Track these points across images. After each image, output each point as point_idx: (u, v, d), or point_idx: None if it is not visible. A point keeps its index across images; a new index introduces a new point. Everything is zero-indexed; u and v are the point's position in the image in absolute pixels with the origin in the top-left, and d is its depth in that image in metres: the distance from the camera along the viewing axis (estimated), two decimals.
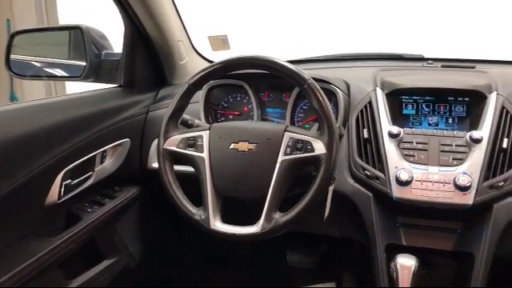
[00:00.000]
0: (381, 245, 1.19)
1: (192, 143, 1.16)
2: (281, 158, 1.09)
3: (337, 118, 1.29)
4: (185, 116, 1.27)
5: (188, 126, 1.28)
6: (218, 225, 1.10)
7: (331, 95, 1.32)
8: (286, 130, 1.11)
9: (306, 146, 1.08)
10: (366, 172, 1.21)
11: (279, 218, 1.07)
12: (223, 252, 1.93)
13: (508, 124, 1.18)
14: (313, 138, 1.09)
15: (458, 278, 1.22)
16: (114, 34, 1.56)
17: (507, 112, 1.19)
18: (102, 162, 1.34)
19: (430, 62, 1.54)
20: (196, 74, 1.16)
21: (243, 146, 1.12)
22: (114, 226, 1.40)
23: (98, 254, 1.36)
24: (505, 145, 1.15)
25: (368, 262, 1.25)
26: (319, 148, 1.07)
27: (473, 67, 1.46)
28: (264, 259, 1.96)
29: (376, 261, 1.18)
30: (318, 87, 1.09)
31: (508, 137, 1.16)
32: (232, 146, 1.13)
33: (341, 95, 1.30)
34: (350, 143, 1.28)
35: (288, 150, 1.09)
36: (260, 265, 1.96)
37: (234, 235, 1.09)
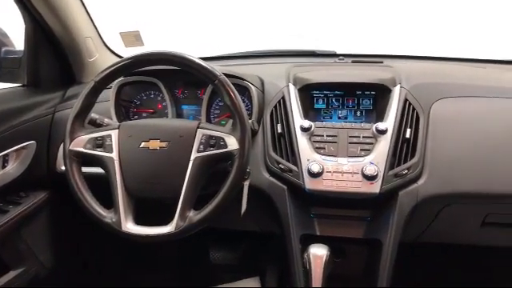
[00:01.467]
0: (295, 236, 1.21)
1: (100, 143, 1.11)
2: (194, 155, 1.07)
3: (251, 114, 1.30)
4: (93, 115, 1.22)
5: (97, 125, 1.23)
6: (130, 227, 1.06)
7: (245, 91, 1.33)
8: (198, 127, 1.10)
9: (219, 143, 1.08)
10: (280, 165, 1.23)
11: (193, 216, 1.05)
12: (144, 253, 1.88)
13: (411, 115, 1.24)
14: (225, 133, 1.08)
15: (369, 264, 1.28)
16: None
17: (410, 104, 1.26)
18: (3, 167, 1.26)
19: (341, 57, 1.60)
20: (102, 72, 1.11)
21: (154, 144, 1.09)
22: (20, 234, 1.32)
23: (1, 265, 1.27)
24: (408, 135, 1.21)
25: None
26: (232, 144, 1.07)
27: (381, 62, 1.53)
28: (187, 258, 1.93)
29: (291, 252, 1.21)
30: (229, 83, 1.09)
31: (411, 127, 1.23)
32: (142, 144, 1.09)
33: (254, 91, 1.31)
34: (265, 138, 1.29)
35: (201, 146, 1.08)
36: (183, 263, 1.93)
37: (147, 236, 1.06)
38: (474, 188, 1.20)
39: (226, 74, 1.12)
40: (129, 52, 1.66)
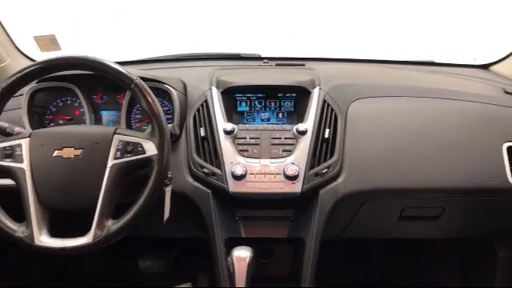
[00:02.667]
0: (220, 240, 1.21)
1: (9, 153, 1.05)
2: (110, 162, 1.04)
3: (173, 118, 1.28)
4: (1, 124, 1.15)
5: (6, 134, 1.16)
6: (45, 240, 1.01)
7: (165, 95, 1.31)
8: (115, 133, 1.07)
9: (136, 148, 1.06)
10: (203, 169, 1.22)
11: (112, 225, 1.02)
12: (68, 264, 1.79)
13: (329, 116, 1.28)
14: (143, 139, 1.06)
15: (294, 262, 1.30)
16: None
17: (328, 105, 1.29)
18: None
19: (265, 60, 1.62)
20: (9, 78, 1.05)
21: (68, 152, 1.05)
22: None
23: None
24: (327, 135, 1.25)
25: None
26: (150, 149, 1.05)
27: (302, 65, 1.57)
28: (114, 267, 1.87)
29: (216, 256, 1.21)
30: (146, 87, 1.07)
31: (329, 127, 1.27)
32: (56, 153, 1.05)
33: (175, 94, 1.29)
34: (188, 142, 1.28)
35: (118, 153, 1.05)
36: (110, 274, 1.86)
37: (63, 249, 1.01)
38: (390, 184, 1.26)
39: (143, 78, 1.10)
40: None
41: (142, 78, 1.08)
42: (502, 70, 1.70)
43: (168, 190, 1.15)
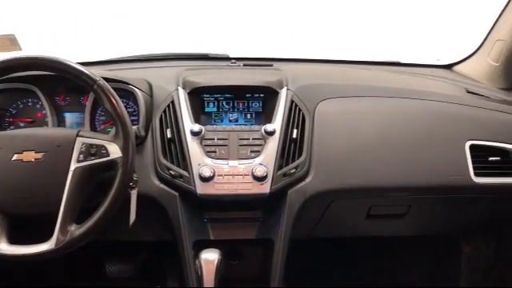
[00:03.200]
0: (188, 243, 1.20)
1: None
2: (73, 165, 1.02)
3: (138, 120, 1.26)
4: None
5: None
6: (3, 247, 0.98)
7: (130, 96, 1.28)
8: (77, 135, 1.04)
9: (100, 151, 1.03)
10: (170, 172, 1.20)
11: (75, 230, 0.99)
12: (31, 271, 1.73)
13: (297, 116, 1.28)
14: (107, 141, 1.04)
15: (264, 263, 1.29)
16: None
17: (296, 105, 1.30)
18: None
19: (233, 61, 1.61)
20: None
21: (29, 156, 1.01)
22: None
23: None
24: (295, 135, 1.25)
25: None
26: (114, 152, 1.03)
27: (271, 65, 1.56)
28: (80, 273, 1.82)
29: (184, 259, 1.20)
30: (110, 88, 1.04)
31: (297, 128, 1.27)
32: (15, 157, 1.01)
33: (140, 95, 1.27)
34: (154, 144, 1.26)
35: (81, 156, 1.03)
36: (76, 280, 1.82)
37: (23, 256, 0.98)
38: (358, 183, 1.28)
39: (107, 79, 1.08)
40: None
41: (105, 79, 1.06)
42: (465, 69, 1.75)
43: (134, 193, 1.12)
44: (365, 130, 1.33)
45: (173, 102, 1.29)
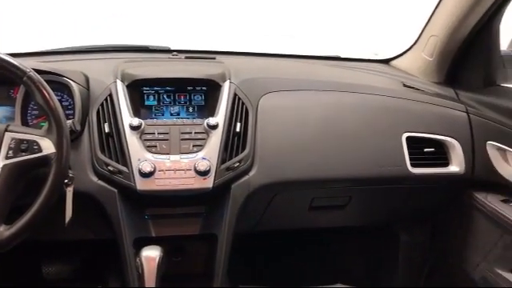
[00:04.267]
0: (128, 240, 1.17)
1: None
2: (2, 162, 0.95)
3: (74, 114, 1.20)
4: None
5: None
6: None
7: (65, 89, 1.22)
8: (6, 130, 0.98)
9: (31, 147, 0.97)
10: (109, 167, 1.16)
11: (4, 231, 0.93)
12: None
13: (240, 109, 1.27)
14: (39, 136, 0.98)
15: (208, 259, 1.28)
16: None
17: (239, 99, 1.29)
18: None
19: (175, 53, 1.58)
20: None
21: None
22: None
23: None
24: (238, 129, 1.24)
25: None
26: (47, 147, 0.97)
27: (213, 58, 1.54)
28: (15, 276, 1.72)
29: (124, 257, 1.16)
30: (41, 80, 0.98)
31: (241, 121, 1.26)
32: None
33: (75, 88, 1.21)
34: (91, 139, 1.20)
35: (10, 152, 0.96)
36: (11, 283, 1.72)
37: None
38: (300, 175, 1.29)
39: (39, 71, 1.02)
40: None
41: (37, 71, 1.00)
42: (401, 64, 1.81)
43: (69, 191, 1.07)
44: (307, 123, 1.34)
45: (111, 96, 1.24)
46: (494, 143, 1.36)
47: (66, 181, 1.04)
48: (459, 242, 1.52)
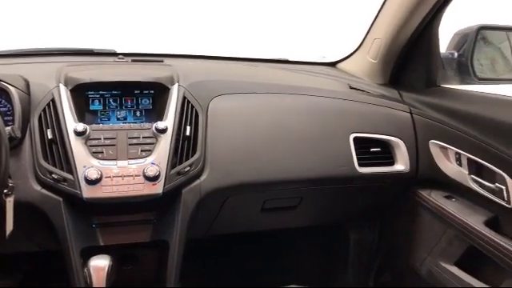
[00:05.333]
0: (75, 250, 1.12)
1: None
2: None
3: (13, 120, 1.14)
4: None
5: None
6: None
7: (2, 94, 1.16)
8: None
9: None
10: (53, 175, 1.11)
11: None
12: None
13: (190, 113, 1.26)
14: None
15: (160, 266, 1.26)
16: None
17: (188, 102, 1.27)
18: None
19: (121, 56, 1.53)
20: None
21: None
22: None
23: None
24: (188, 132, 1.22)
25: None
26: None
27: (161, 61, 1.52)
28: None
29: (71, 268, 1.11)
30: None
31: (190, 125, 1.24)
32: None
33: (15, 93, 1.15)
34: (33, 146, 1.15)
35: None
36: None
37: None
38: (252, 178, 1.29)
39: None
40: None
41: None
42: (347, 67, 1.86)
43: (9, 201, 1.02)
44: (257, 125, 1.34)
45: (53, 100, 1.19)
46: (437, 142, 1.41)
47: (5, 191, 0.99)
48: (406, 238, 1.57)
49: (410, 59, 1.59)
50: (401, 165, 1.45)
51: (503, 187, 1.18)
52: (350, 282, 1.78)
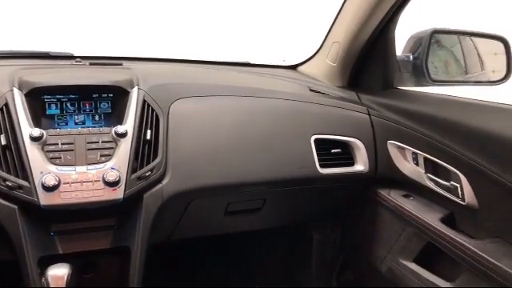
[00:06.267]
0: (32, 260, 1.08)
1: None
2: None
3: None
4: None
5: None
6: None
7: None
8: None
9: None
10: (7, 183, 1.07)
11: None
12: None
13: (150, 116, 1.24)
14: None
15: (122, 273, 1.23)
16: None
17: (148, 105, 1.25)
18: None
19: (78, 60, 1.50)
20: None
21: None
22: None
23: None
24: (148, 136, 1.21)
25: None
26: None
27: (120, 64, 1.49)
28: None
29: (27, 279, 1.07)
30: None
31: (151, 128, 1.22)
32: None
33: None
34: None
35: None
36: None
37: None
38: (214, 181, 1.29)
39: None
40: None
41: None
42: (307, 70, 1.89)
43: None
44: (219, 128, 1.34)
45: (7, 105, 1.15)
46: (394, 142, 1.45)
47: None
48: (367, 237, 1.60)
49: (368, 62, 1.63)
50: (360, 165, 1.48)
51: (458, 185, 1.23)
52: (313, 281, 1.80)
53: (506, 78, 1.56)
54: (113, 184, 1.11)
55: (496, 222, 1.15)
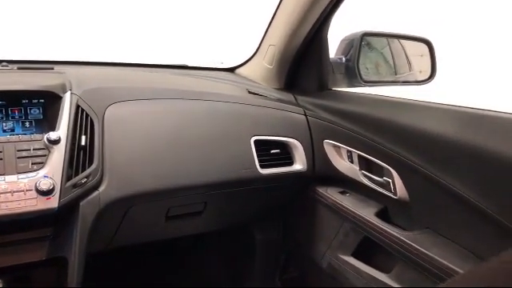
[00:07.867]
0: None
1: None
2: None
3: None
4: None
5: None
6: None
7: None
8: None
9: None
10: None
11: None
12: None
13: (84, 122, 1.20)
14: None
15: (60, 284, 1.18)
16: None
17: (82, 110, 1.21)
18: None
19: (4, 64, 1.42)
20: None
21: None
22: None
23: None
24: (83, 142, 1.17)
25: None
26: None
27: (51, 68, 1.43)
28: None
29: None
30: None
31: (86, 134, 1.19)
32: None
33: None
34: None
35: None
36: None
37: None
38: (153, 186, 1.27)
39: None
40: None
41: None
42: (245, 72, 1.90)
43: None
44: (157, 132, 1.32)
45: None
46: (330, 141, 1.50)
47: None
48: (308, 234, 1.64)
49: (303, 64, 1.68)
50: (299, 164, 1.52)
51: (390, 180, 1.29)
52: (257, 280, 1.82)
53: (430, 77, 1.66)
54: (46, 193, 1.07)
55: (425, 213, 1.22)
